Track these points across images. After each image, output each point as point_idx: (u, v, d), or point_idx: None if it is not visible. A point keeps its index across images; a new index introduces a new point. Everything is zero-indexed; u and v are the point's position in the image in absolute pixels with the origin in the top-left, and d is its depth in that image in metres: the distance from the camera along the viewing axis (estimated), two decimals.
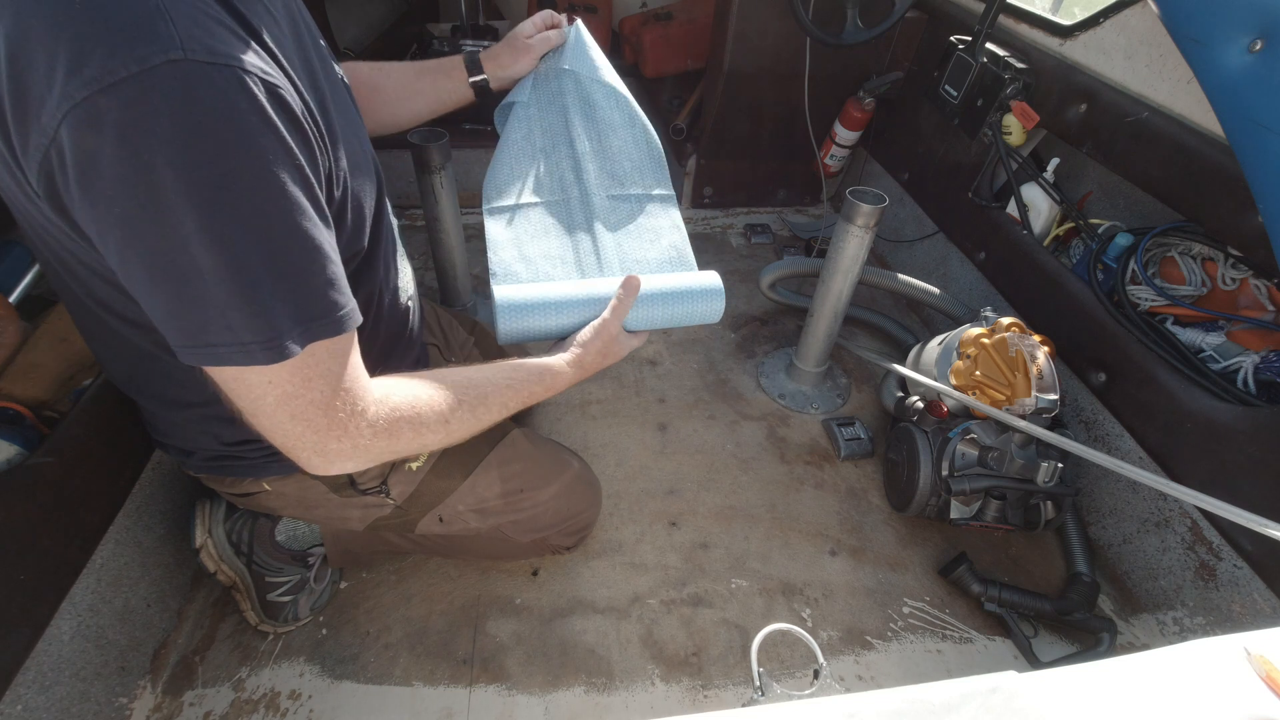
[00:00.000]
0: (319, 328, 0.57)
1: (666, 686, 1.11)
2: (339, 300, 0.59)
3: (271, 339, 0.54)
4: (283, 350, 0.55)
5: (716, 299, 0.89)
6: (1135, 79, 1.31)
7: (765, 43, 1.93)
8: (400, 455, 0.71)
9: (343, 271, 0.60)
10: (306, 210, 0.55)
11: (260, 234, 0.52)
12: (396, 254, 0.87)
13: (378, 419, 0.65)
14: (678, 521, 1.36)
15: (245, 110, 0.49)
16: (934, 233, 1.95)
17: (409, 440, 0.69)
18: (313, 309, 0.57)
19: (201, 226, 0.49)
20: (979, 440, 1.26)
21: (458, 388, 0.74)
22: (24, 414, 0.91)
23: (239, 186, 0.50)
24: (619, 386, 1.66)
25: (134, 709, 1.01)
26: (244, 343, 0.53)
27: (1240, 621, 1.08)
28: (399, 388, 0.69)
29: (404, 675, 1.09)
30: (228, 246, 0.51)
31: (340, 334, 0.59)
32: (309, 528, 1.10)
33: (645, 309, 0.87)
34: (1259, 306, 1.21)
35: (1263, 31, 0.97)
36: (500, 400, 0.78)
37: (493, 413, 0.77)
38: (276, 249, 0.53)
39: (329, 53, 0.73)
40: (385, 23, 2.64)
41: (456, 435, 0.74)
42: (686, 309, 0.89)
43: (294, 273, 0.55)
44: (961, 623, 1.23)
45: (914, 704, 0.40)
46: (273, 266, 0.53)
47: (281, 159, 0.52)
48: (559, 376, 0.83)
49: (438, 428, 0.71)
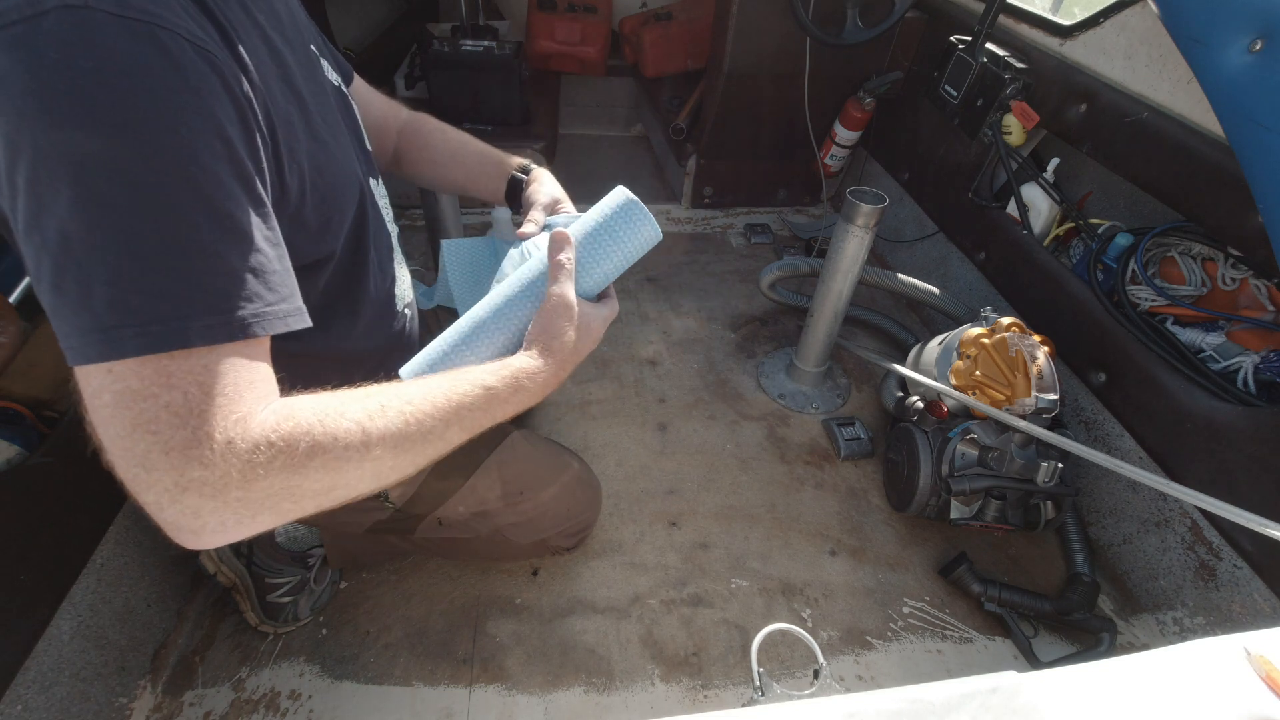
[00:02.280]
0: (220, 323, 0.46)
1: (666, 686, 1.11)
2: (255, 296, 0.49)
3: (153, 323, 0.44)
4: (162, 340, 0.44)
5: (642, 218, 0.71)
6: (1135, 79, 1.31)
7: (765, 43, 1.93)
8: (303, 497, 0.50)
9: (278, 267, 0.51)
10: (225, 188, 0.47)
11: (158, 205, 0.44)
12: (393, 260, 0.87)
13: (264, 430, 0.47)
14: (678, 521, 1.36)
15: (154, 67, 0.44)
16: (934, 233, 1.95)
17: (309, 465, 0.49)
18: (217, 300, 0.46)
19: (82, 192, 0.42)
20: (979, 440, 1.26)
21: (388, 397, 0.55)
22: (24, 414, 0.91)
23: (134, 149, 0.43)
24: (619, 386, 1.66)
25: (134, 709, 1.01)
26: (107, 328, 0.43)
27: (1240, 621, 1.08)
28: (304, 398, 0.52)
29: (404, 675, 1.09)
30: (114, 216, 0.43)
31: (246, 336, 0.48)
32: (308, 529, 1.10)
33: (589, 266, 0.71)
34: (1259, 306, 1.21)
35: (1263, 31, 0.97)
36: (453, 411, 0.58)
37: (441, 429, 0.58)
38: (176, 223, 0.45)
39: (319, 55, 0.72)
40: (385, 23, 2.65)
41: (386, 463, 0.54)
42: (625, 245, 0.72)
43: (198, 254, 0.46)
44: (961, 623, 1.23)
45: (914, 704, 0.40)
46: (168, 244, 0.44)
47: (198, 126, 0.45)
48: (529, 375, 0.64)
49: (354, 444, 0.51)
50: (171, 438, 0.44)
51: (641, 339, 1.80)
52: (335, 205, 0.67)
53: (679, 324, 1.88)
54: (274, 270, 0.51)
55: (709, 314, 1.92)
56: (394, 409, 0.54)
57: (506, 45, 2.00)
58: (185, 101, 0.45)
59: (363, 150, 0.80)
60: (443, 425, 0.57)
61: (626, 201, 0.71)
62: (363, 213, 0.74)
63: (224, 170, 0.47)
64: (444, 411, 0.57)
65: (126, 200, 0.43)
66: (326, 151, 0.65)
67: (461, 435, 0.60)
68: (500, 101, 2.06)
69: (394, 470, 0.56)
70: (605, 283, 0.74)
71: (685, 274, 2.08)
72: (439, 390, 0.58)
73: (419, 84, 2.24)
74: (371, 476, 0.54)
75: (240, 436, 0.46)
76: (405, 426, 0.54)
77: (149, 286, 0.44)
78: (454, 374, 0.61)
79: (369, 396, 0.55)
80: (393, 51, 2.56)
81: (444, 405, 0.58)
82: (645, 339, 1.81)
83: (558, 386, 0.69)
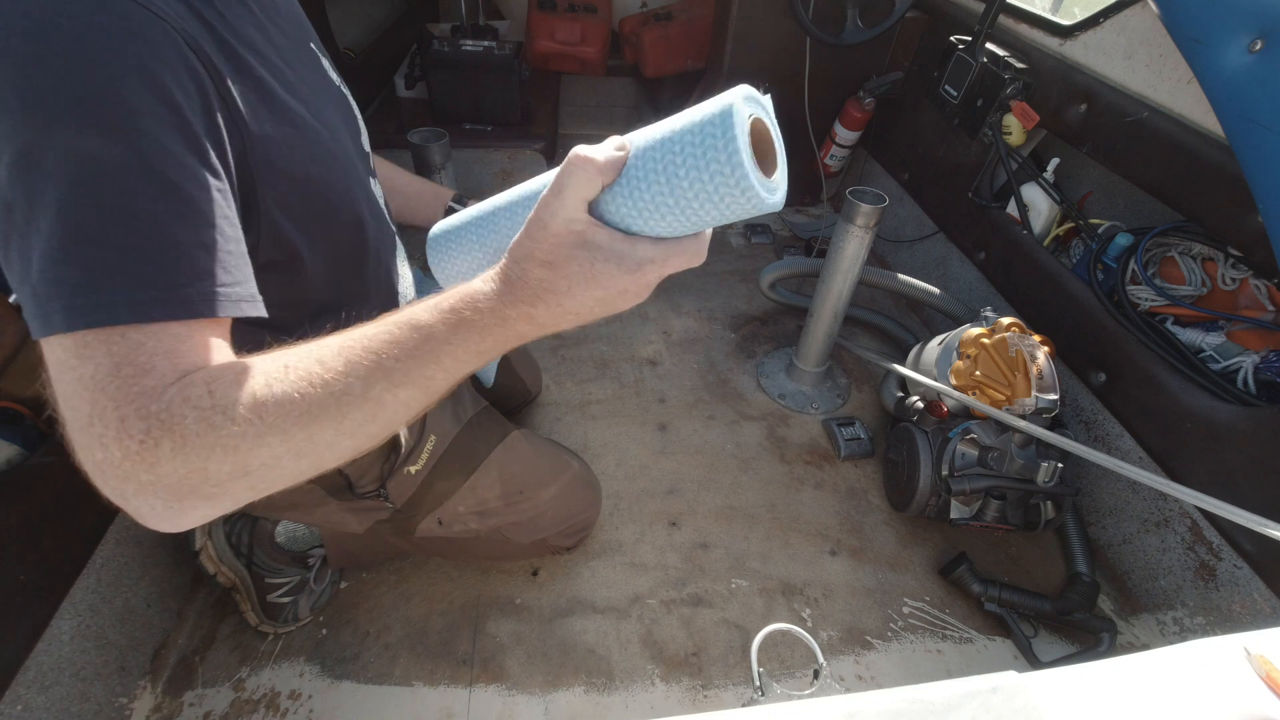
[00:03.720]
0: (152, 299, 0.43)
1: (666, 686, 1.11)
2: (198, 273, 0.45)
3: (97, 298, 0.42)
4: (109, 313, 0.42)
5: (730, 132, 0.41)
6: (1135, 79, 1.31)
7: (765, 43, 1.93)
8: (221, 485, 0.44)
9: (232, 247, 0.48)
10: (176, 158, 0.45)
11: (93, 170, 0.42)
12: (395, 256, 0.87)
13: (157, 415, 0.42)
14: (678, 521, 1.36)
15: (99, 25, 0.42)
16: (934, 233, 1.95)
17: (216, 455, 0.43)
18: (150, 274, 0.43)
19: (20, 151, 0.41)
20: (979, 440, 1.26)
21: (328, 349, 0.47)
22: (24, 414, 0.91)
23: (75, 112, 0.41)
24: (619, 386, 1.66)
25: (134, 709, 1.01)
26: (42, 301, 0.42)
27: (1240, 621, 1.08)
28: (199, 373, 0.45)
29: (404, 675, 1.09)
30: (47, 180, 0.41)
31: (194, 315, 0.45)
32: (309, 529, 1.10)
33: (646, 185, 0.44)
34: (1259, 306, 1.21)
35: (1263, 31, 0.97)
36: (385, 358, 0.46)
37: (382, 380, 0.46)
38: (115, 191, 0.43)
39: (320, 54, 0.72)
40: (385, 23, 2.65)
41: (304, 440, 0.45)
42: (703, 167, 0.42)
43: (137, 223, 0.43)
44: (961, 623, 1.23)
45: (914, 704, 0.40)
46: (106, 212, 0.42)
47: (145, 90, 0.43)
48: (477, 306, 0.47)
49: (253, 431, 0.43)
50: (79, 414, 0.41)
51: (641, 339, 1.81)
52: (331, 203, 0.67)
53: (679, 324, 1.88)
54: (228, 250, 0.47)
55: (709, 314, 1.92)
56: (299, 374, 0.45)
57: (506, 45, 2.00)
58: (129, 63, 0.43)
59: (362, 151, 0.80)
60: (363, 382, 0.46)
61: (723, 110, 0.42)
62: (362, 213, 0.74)
63: (171, 139, 0.44)
64: (362, 365, 0.46)
65: (63, 166, 0.41)
66: (322, 146, 0.64)
67: (397, 391, 0.47)
68: (500, 102, 2.06)
69: (317, 443, 0.46)
70: (677, 228, 0.46)
71: (685, 274, 2.06)
72: (357, 339, 0.47)
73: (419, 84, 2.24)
74: (290, 453, 0.45)
75: (136, 414, 0.41)
76: (311, 392, 0.45)
77: (81, 258, 0.41)
78: (383, 317, 0.49)
79: (276, 358, 0.47)
80: (393, 51, 2.56)
81: (361, 356, 0.46)
82: (645, 339, 1.81)
83: (540, 328, 0.48)
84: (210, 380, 0.44)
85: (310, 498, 0.94)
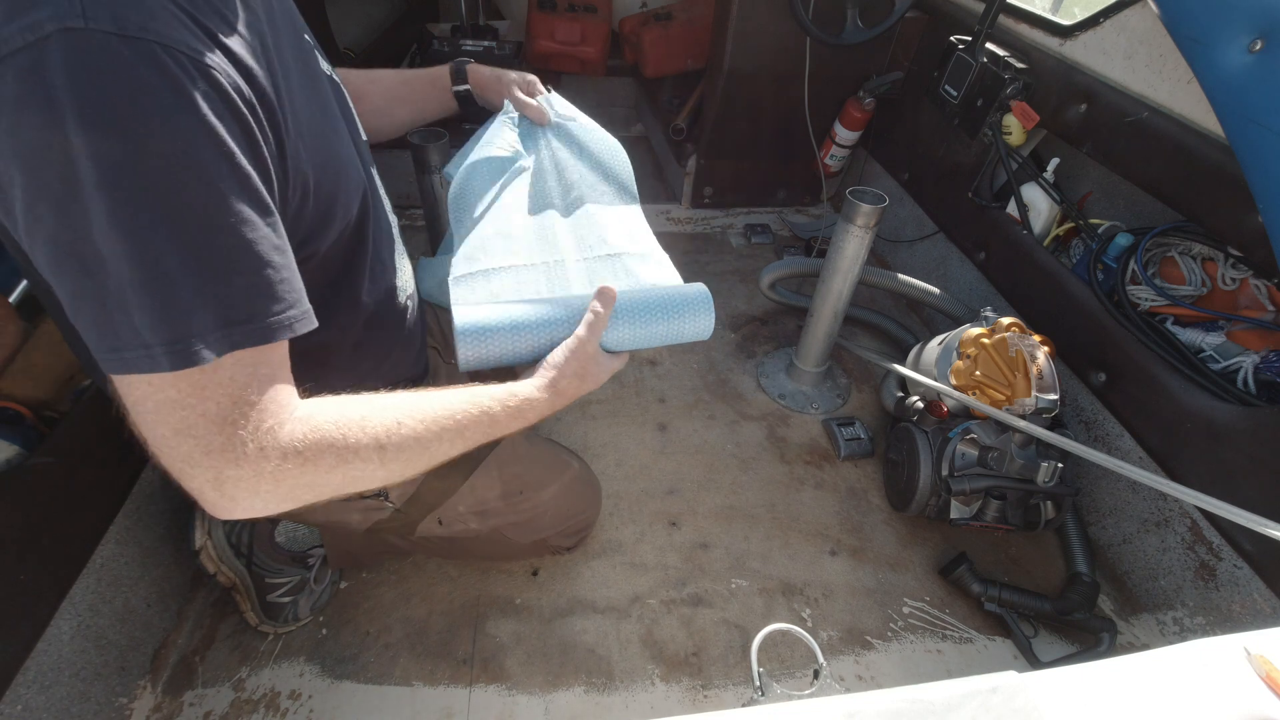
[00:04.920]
0: (240, 333, 0.50)
1: (666, 686, 1.11)
2: (268, 305, 0.52)
3: (179, 342, 0.47)
4: (192, 356, 0.47)
5: (705, 313, 0.78)
6: (1135, 79, 1.31)
7: (765, 43, 1.93)
8: (323, 491, 0.58)
9: (286, 275, 0.54)
10: (233, 203, 0.49)
11: (172, 224, 0.46)
12: (395, 253, 0.87)
13: (293, 440, 0.54)
14: (678, 521, 1.36)
15: (157, 87, 0.45)
16: (934, 233, 1.95)
17: (331, 470, 0.56)
18: (233, 312, 0.50)
19: (102, 211, 0.44)
20: (979, 440, 1.26)
21: (403, 412, 0.62)
22: (24, 414, 0.91)
23: (146, 170, 0.45)
24: (619, 386, 1.66)
25: (134, 709, 1.01)
26: (147, 345, 0.47)
27: (1240, 621, 1.08)
28: (326, 407, 0.58)
29: (404, 675, 1.09)
30: (132, 235, 0.45)
31: (264, 343, 0.52)
32: (309, 529, 1.10)
33: (626, 327, 0.76)
34: (1259, 306, 1.21)
35: (1263, 31, 0.97)
36: (456, 431, 0.65)
37: (445, 445, 0.65)
38: (191, 241, 0.47)
39: (313, 47, 0.72)
40: (385, 23, 2.65)
41: (395, 470, 0.62)
42: (672, 326, 0.78)
43: (213, 269, 0.48)
44: (961, 623, 1.23)
45: (914, 704, 0.40)
46: (187, 260, 0.47)
47: (203, 143, 0.47)
48: (532, 405, 0.71)
49: (371, 456, 0.59)
50: (211, 442, 0.50)
51: None
52: (338, 200, 0.67)
53: None
54: (283, 279, 0.54)
55: None
56: (409, 426, 0.61)
57: (506, 45, 2.01)
58: (188, 121, 0.46)
59: (359, 140, 0.80)
60: (447, 444, 0.65)
61: (700, 298, 0.79)
62: (364, 205, 0.74)
63: (230, 186, 0.49)
64: (449, 430, 0.65)
65: (138, 218, 0.45)
66: (328, 145, 0.65)
67: (460, 449, 0.67)
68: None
69: (400, 475, 0.63)
70: (632, 348, 0.79)
71: (685, 274, 2.05)
72: (447, 409, 0.65)
73: None
74: (381, 479, 0.62)
75: (271, 445, 0.52)
76: (416, 441, 0.62)
77: (176, 303, 0.47)
78: (463, 393, 0.67)
79: (386, 410, 0.61)
80: (393, 51, 2.56)
81: (449, 424, 0.65)
82: None
83: (551, 412, 0.75)
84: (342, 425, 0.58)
85: None
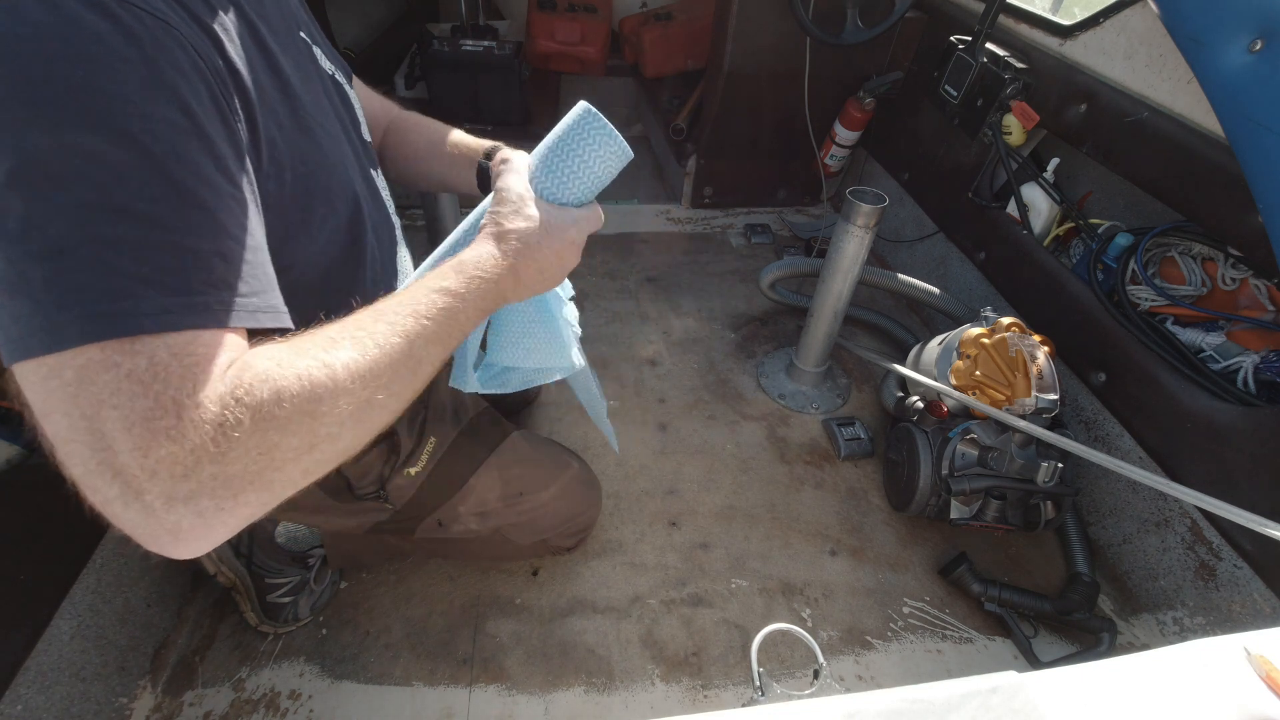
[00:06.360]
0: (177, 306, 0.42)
1: (666, 686, 1.11)
2: (215, 282, 0.45)
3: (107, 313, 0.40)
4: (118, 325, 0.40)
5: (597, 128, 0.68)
6: (1135, 79, 1.31)
7: (765, 43, 1.93)
8: (287, 463, 0.46)
9: (250, 257, 0.48)
10: (192, 164, 0.44)
11: (102, 176, 0.41)
12: (396, 254, 0.86)
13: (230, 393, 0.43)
14: (678, 521, 1.36)
15: (108, 37, 0.41)
16: (934, 233, 1.95)
17: (292, 422, 0.45)
18: (170, 282, 0.42)
19: (15, 167, 0.39)
20: (979, 440, 1.26)
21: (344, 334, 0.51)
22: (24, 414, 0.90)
23: (84, 120, 0.40)
24: (619, 386, 1.66)
25: (134, 709, 1.01)
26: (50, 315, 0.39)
27: (1240, 621, 1.08)
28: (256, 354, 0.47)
29: (404, 675, 1.09)
30: (49, 185, 0.40)
31: (203, 326, 0.43)
32: (309, 530, 1.10)
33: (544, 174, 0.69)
34: (1259, 306, 1.21)
35: (1263, 31, 0.97)
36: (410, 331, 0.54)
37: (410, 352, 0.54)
38: (129, 197, 0.41)
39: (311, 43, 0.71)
40: (385, 23, 2.65)
41: (364, 400, 0.50)
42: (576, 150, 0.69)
43: (153, 229, 0.42)
44: (961, 623, 1.23)
45: (914, 704, 0.40)
46: (120, 219, 0.41)
47: (159, 98, 0.43)
48: (480, 260, 0.61)
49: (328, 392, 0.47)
50: (133, 409, 0.40)
51: (641, 339, 1.80)
52: (319, 197, 0.65)
53: (679, 324, 1.88)
54: (245, 260, 0.47)
55: (709, 314, 1.92)
56: (350, 337, 0.50)
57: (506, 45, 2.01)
58: (141, 73, 0.42)
59: (362, 141, 0.79)
60: (407, 342, 0.53)
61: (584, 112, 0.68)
62: (359, 206, 0.72)
63: (189, 145, 0.44)
64: (408, 327, 0.54)
65: (68, 171, 0.40)
66: (313, 140, 0.63)
67: (435, 348, 0.56)
68: (500, 101, 2.06)
69: (373, 405, 0.51)
70: (580, 198, 0.71)
71: (685, 274, 2.08)
72: (394, 308, 0.54)
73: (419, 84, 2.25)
74: (352, 416, 0.49)
75: (206, 399, 0.42)
76: (367, 350, 0.50)
77: (95, 264, 0.40)
78: (406, 289, 0.58)
79: (321, 331, 0.51)
80: (393, 51, 2.56)
81: (405, 320, 0.54)
82: (645, 339, 1.81)
83: (525, 282, 0.65)
84: (274, 356, 0.46)
85: (310, 499, 0.93)
